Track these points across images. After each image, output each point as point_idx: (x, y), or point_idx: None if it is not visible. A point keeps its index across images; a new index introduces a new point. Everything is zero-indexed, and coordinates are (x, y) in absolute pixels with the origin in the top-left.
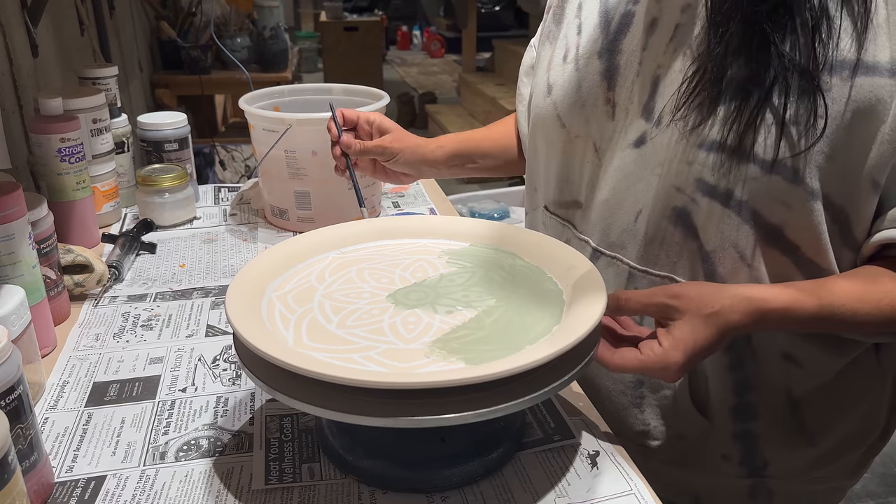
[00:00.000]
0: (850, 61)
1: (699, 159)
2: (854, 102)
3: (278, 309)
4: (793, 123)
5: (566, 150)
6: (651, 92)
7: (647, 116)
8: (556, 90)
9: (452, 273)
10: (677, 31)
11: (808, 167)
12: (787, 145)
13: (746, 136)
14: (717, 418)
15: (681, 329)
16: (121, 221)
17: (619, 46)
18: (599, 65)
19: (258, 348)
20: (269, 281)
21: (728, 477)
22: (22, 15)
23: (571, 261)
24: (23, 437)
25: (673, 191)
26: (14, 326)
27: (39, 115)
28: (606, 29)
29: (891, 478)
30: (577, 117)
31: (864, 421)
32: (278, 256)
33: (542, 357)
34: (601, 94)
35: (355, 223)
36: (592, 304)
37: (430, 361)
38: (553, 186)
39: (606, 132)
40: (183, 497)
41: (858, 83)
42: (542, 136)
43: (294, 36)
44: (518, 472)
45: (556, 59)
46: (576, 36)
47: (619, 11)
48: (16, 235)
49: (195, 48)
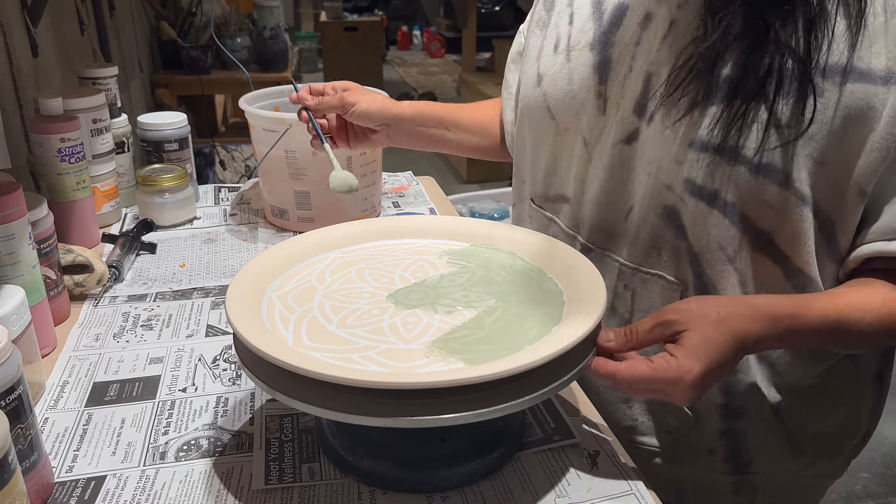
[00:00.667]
0: (841, 65)
1: (688, 158)
2: (844, 108)
3: (278, 309)
4: (783, 123)
5: (555, 142)
6: (644, 89)
7: (638, 113)
8: (547, 81)
9: (453, 273)
10: (672, 28)
11: (797, 170)
12: (775, 142)
13: (734, 134)
14: (704, 416)
15: (692, 339)
16: (121, 221)
17: (612, 39)
18: (591, 57)
19: (258, 348)
20: (269, 281)
21: (713, 472)
22: (22, 15)
23: (571, 261)
24: (23, 437)
25: (663, 189)
26: (14, 326)
27: (39, 115)
28: (599, 20)
29: (891, 478)
30: (568, 110)
31: (845, 423)
32: (278, 256)
33: (542, 357)
34: (592, 88)
35: (355, 223)
36: (592, 304)
37: (429, 361)
38: (540, 180)
39: (596, 127)
40: (183, 497)
41: (850, 89)
42: (530, 126)
43: (294, 36)
44: (518, 472)
45: (547, 49)
46: (567, 25)
47: (613, 2)
48: (16, 235)
49: (195, 48)
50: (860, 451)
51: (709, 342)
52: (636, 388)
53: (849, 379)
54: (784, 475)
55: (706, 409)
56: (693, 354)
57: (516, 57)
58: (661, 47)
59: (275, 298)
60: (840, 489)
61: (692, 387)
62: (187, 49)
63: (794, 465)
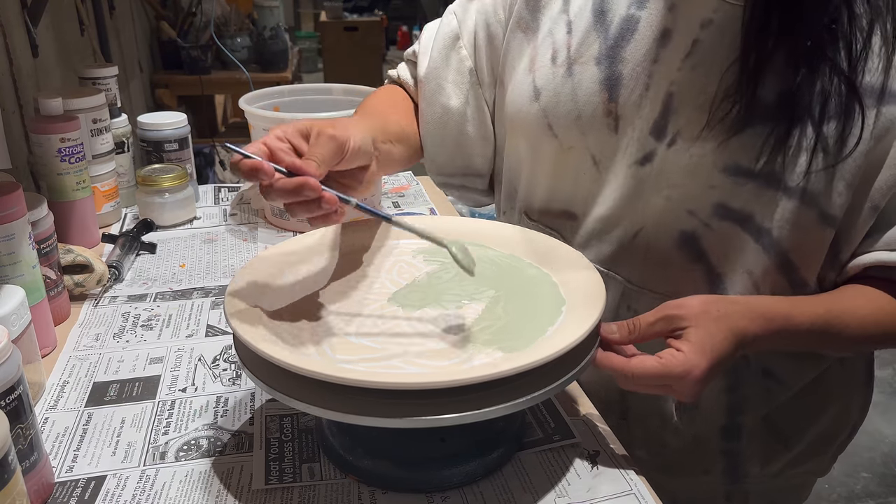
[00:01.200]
0: (878, 86)
1: (722, 183)
2: (879, 129)
3: (284, 328)
4: (828, 147)
5: (557, 160)
6: (664, 110)
7: (657, 134)
8: (547, 96)
9: (437, 270)
10: (696, 48)
11: (834, 194)
12: (819, 166)
13: (777, 160)
14: (705, 436)
15: (697, 334)
16: (121, 221)
17: (622, 54)
18: (598, 72)
19: (258, 348)
20: (268, 282)
21: (708, 485)
22: (22, 15)
23: (545, 244)
24: (23, 437)
25: (683, 213)
26: (14, 326)
27: (39, 115)
28: (604, 32)
29: (890, 478)
30: (572, 129)
31: (836, 421)
32: (278, 256)
33: (541, 357)
34: (600, 105)
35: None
36: (592, 303)
37: (468, 356)
38: (540, 196)
39: (608, 146)
40: (183, 497)
41: (886, 110)
42: (527, 141)
43: (294, 36)
44: (518, 472)
45: (543, 60)
46: (565, 35)
47: (619, 14)
48: (16, 235)
49: (195, 48)
50: (846, 447)
51: (713, 338)
52: (643, 383)
53: (839, 380)
54: (775, 478)
55: (708, 430)
56: (700, 350)
57: (449, 42)
58: (682, 67)
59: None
60: (840, 489)
61: (699, 381)
62: (187, 49)
63: (785, 466)
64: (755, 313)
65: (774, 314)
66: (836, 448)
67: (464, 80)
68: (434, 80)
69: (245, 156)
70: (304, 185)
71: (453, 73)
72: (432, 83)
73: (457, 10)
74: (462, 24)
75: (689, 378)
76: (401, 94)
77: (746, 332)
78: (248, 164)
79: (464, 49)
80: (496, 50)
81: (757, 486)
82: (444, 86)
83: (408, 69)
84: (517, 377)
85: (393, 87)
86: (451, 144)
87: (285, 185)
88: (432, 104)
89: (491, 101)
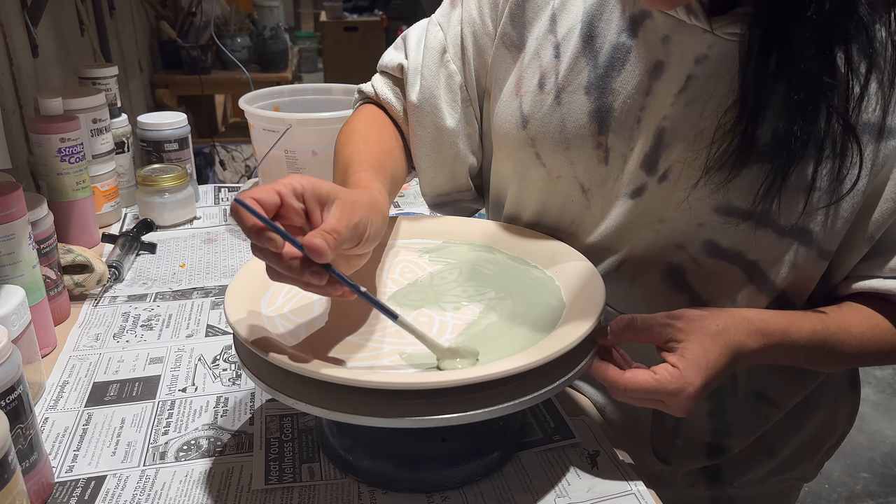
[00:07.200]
0: (875, 125)
1: (713, 222)
2: (876, 166)
3: (282, 324)
4: (824, 186)
5: (545, 187)
6: (655, 144)
7: (647, 169)
8: (535, 125)
9: (441, 270)
10: (690, 83)
11: (830, 231)
12: (816, 206)
13: (773, 200)
14: (687, 457)
15: (692, 349)
16: (121, 221)
17: (612, 85)
18: (587, 103)
19: (258, 348)
20: (268, 282)
21: (692, 494)
22: (22, 15)
23: (551, 248)
24: (23, 437)
25: (671, 247)
26: (14, 326)
27: (39, 115)
28: (594, 60)
29: (890, 478)
30: (561, 159)
31: (822, 430)
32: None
33: (542, 357)
34: (589, 137)
35: None
36: (591, 303)
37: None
38: (527, 217)
39: (597, 176)
40: (183, 497)
41: (882, 147)
42: (513, 164)
43: (294, 36)
44: (518, 472)
45: (530, 85)
46: (553, 59)
47: (609, 41)
48: (16, 235)
49: (195, 48)
50: (833, 453)
51: (709, 354)
52: (635, 396)
53: (825, 389)
54: (760, 484)
55: (691, 449)
56: (695, 367)
57: (437, 58)
58: (675, 102)
59: (276, 316)
60: (840, 489)
61: (691, 398)
62: (187, 49)
63: (770, 473)
64: (753, 328)
65: (772, 329)
66: (822, 455)
67: (456, 97)
68: (429, 102)
69: (253, 212)
70: (311, 269)
71: (444, 91)
72: (427, 106)
73: (440, 21)
74: (447, 34)
75: (682, 395)
76: (387, 127)
77: (743, 348)
78: (255, 225)
79: (451, 63)
80: (485, 63)
81: (741, 492)
82: (439, 106)
83: (388, 87)
84: (517, 377)
85: (374, 114)
86: (447, 164)
87: (292, 266)
88: (426, 126)
89: (479, 113)
